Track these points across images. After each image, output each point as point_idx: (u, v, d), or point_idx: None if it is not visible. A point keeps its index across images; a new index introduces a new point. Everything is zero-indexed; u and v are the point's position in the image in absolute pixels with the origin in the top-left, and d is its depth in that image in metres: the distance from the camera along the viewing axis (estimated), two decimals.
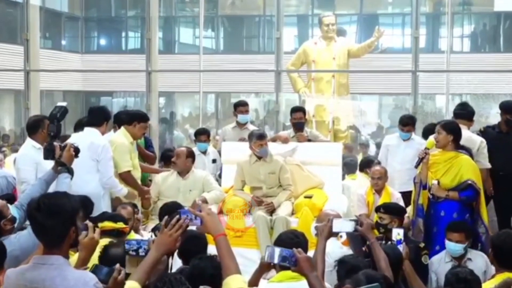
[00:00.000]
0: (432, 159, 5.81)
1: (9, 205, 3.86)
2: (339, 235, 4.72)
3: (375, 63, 12.59)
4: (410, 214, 5.98)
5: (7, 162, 8.83)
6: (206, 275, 3.27)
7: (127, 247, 3.08)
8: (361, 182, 7.20)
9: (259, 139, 6.40)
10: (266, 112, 18.34)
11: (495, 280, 3.97)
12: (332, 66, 9.59)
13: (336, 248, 4.65)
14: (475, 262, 5.02)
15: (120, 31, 21.25)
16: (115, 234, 4.32)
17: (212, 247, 3.12)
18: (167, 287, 2.82)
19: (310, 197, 6.41)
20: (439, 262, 5.17)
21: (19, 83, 10.13)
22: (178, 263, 3.97)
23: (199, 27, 13.48)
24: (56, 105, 4.86)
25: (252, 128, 7.73)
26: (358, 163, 7.89)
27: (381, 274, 3.29)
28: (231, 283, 2.71)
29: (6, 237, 3.71)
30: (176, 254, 3.46)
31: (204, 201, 6.22)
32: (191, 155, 6.63)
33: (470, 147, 6.08)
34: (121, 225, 4.45)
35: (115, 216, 4.61)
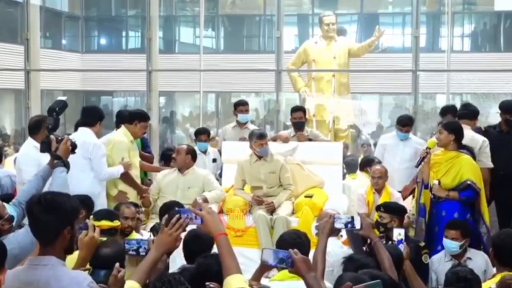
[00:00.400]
0: (434, 158, 5.81)
1: (5, 204, 3.83)
2: (340, 234, 4.73)
3: (375, 62, 12.57)
4: (414, 211, 5.99)
5: (7, 161, 8.80)
6: (212, 272, 3.24)
7: (127, 247, 3.08)
8: (361, 182, 7.19)
9: (259, 138, 6.40)
10: (266, 111, 18.34)
11: (495, 279, 3.96)
12: (332, 66, 9.58)
13: (337, 248, 4.63)
14: (475, 261, 5.03)
15: (120, 31, 21.26)
16: (111, 233, 4.31)
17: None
18: (166, 287, 2.81)
19: (311, 196, 6.40)
20: (439, 261, 5.17)
21: (19, 82, 10.12)
22: (177, 263, 3.97)
23: (199, 26, 13.44)
24: (57, 99, 4.85)
25: (252, 127, 7.73)
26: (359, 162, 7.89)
27: (385, 274, 3.26)
28: (232, 282, 2.70)
29: (5, 236, 3.69)
30: (183, 255, 3.44)
31: (205, 200, 6.24)
32: (191, 152, 6.64)
33: (472, 146, 6.06)
34: (117, 223, 4.45)
35: (111, 214, 4.60)
